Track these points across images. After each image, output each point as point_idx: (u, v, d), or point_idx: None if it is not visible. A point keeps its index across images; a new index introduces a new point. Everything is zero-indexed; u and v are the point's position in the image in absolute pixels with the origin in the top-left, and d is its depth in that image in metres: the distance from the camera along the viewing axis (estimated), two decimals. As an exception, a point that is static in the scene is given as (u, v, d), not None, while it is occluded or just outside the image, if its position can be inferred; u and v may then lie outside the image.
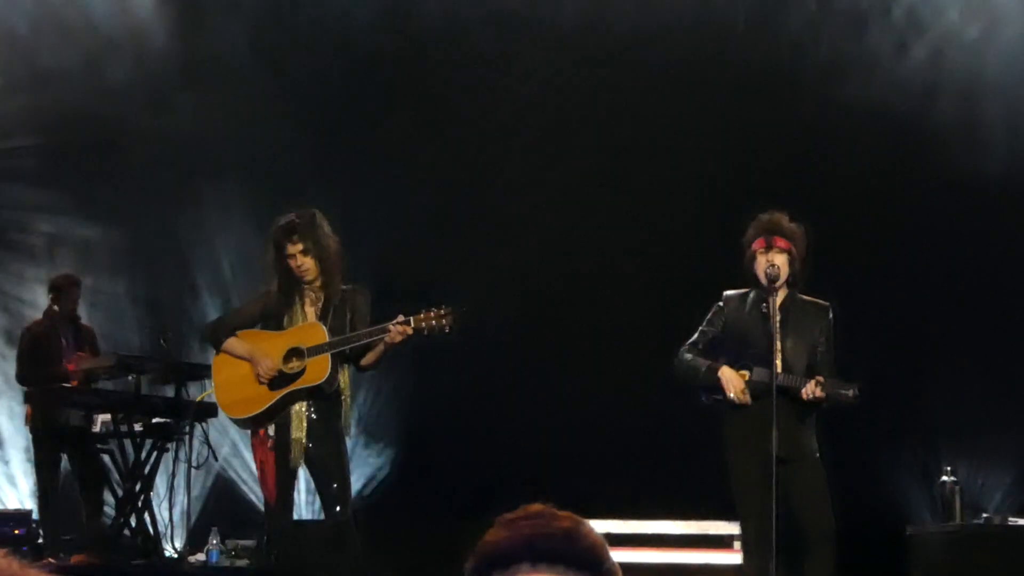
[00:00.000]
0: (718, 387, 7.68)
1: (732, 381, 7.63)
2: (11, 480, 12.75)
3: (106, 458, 10.33)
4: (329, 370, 7.77)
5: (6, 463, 12.79)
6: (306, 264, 7.87)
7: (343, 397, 7.97)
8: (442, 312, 7.74)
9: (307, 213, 8.00)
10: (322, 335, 7.79)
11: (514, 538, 1.85)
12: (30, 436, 11.02)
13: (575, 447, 11.42)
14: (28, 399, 10.86)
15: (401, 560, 9.65)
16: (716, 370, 7.68)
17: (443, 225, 12.17)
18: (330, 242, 7.95)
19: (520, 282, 11.80)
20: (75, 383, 10.41)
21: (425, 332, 7.80)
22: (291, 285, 7.93)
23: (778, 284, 7.56)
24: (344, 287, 8.01)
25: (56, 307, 10.97)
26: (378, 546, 8.83)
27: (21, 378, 10.99)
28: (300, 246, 7.87)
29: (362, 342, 7.79)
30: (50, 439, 10.61)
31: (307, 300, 7.96)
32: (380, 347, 7.88)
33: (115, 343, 12.21)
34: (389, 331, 7.71)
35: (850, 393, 7.48)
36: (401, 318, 7.74)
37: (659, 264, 11.42)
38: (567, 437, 11.48)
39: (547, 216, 11.99)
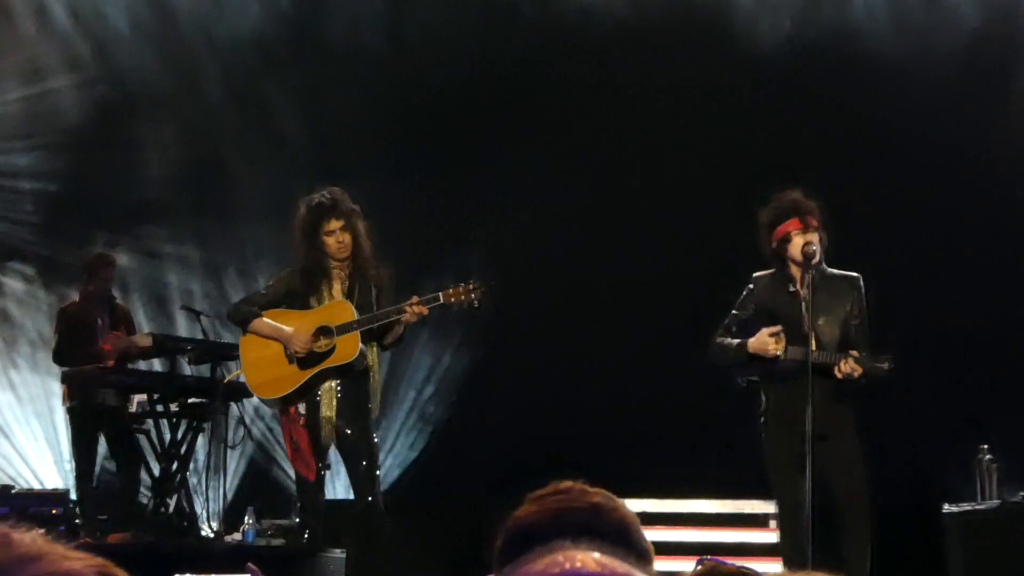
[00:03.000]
0: (752, 364, 7.67)
1: (764, 343, 7.59)
2: (49, 460, 12.81)
3: (142, 438, 10.36)
4: (359, 348, 7.79)
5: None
6: (346, 240, 7.88)
7: (372, 375, 7.98)
8: (471, 287, 7.76)
9: (337, 190, 8.03)
10: (350, 313, 7.80)
11: (542, 514, 1.84)
12: (67, 416, 11.04)
13: (611, 426, 11.42)
14: (64, 379, 10.89)
15: (432, 538, 9.68)
16: (745, 345, 7.66)
17: (476, 200, 12.16)
18: (360, 219, 7.98)
19: (556, 259, 11.79)
20: (111, 363, 10.43)
21: (455, 307, 7.82)
22: (319, 264, 7.93)
23: (815, 261, 7.53)
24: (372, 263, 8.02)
25: (90, 287, 10.98)
26: (409, 524, 8.85)
27: (58, 358, 11.01)
28: (341, 222, 7.88)
29: (389, 319, 7.81)
30: (87, 419, 10.64)
31: (334, 278, 7.97)
32: (397, 327, 7.90)
33: (157, 324, 12.28)
34: (405, 311, 7.73)
35: (885, 366, 7.46)
36: (415, 299, 7.76)
37: (694, 243, 11.38)
38: (602, 416, 11.49)
39: (583, 191, 11.98)
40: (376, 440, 8.24)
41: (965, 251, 11.06)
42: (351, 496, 8.37)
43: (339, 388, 7.89)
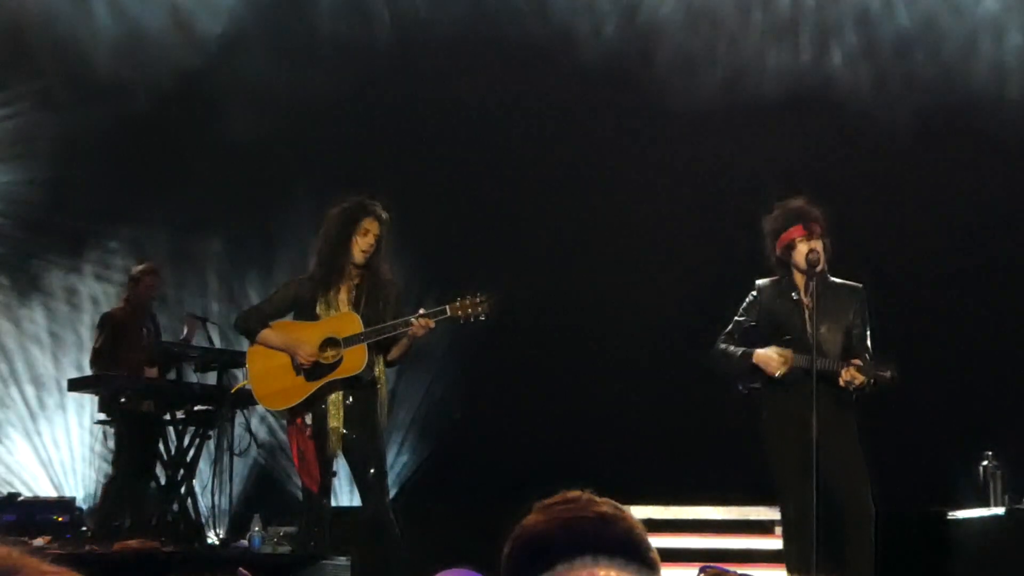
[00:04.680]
0: (755, 373, 7.68)
1: (769, 358, 7.61)
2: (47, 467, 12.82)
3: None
4: (367, 360, 7.79)
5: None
6: (375, 245, 7.89)
7: (379, 386, 7.98)
8: (478, 299, 7.76)
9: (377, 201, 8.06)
10: (357, 325, 7.80)
11: (550, 523, 1.85)
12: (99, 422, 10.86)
13: (616, 433, 11.43)
14: (73, 386, 10.82)
15: (439, 546, 9.68)
16: (750, 355, 7.67)
17: (480, 211, 12.17)
18: (387, 232, 8.01)
19: (562, 267, 11.82)
20: (156, 372, 10.36)
21: (461, 320, 7.82)
22: (336, 264, 7.92)
23: (819, 268, 7.54)
24: (383, 278, 8.03)
25: (135, 294, 10.87)
26: (416, 532, 8.85)
27: (98, 361, 10.79)
28: (377, 225, 7.89)
29: (395, 332, 7.81)
30: (134, 427, 10.35)
31: (343, 287, 7.96)
32: (404, 341, 7.90)
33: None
34: (412, 324, 7.73)
35: (887, 374, 7.47)
36: (422, 311, 7.76)
37: (698, 251, 11.41)
38: (607, 423, 11.49)
39: (585, 201, 11.99)
40: (384, 448, 8.24)
41: (970, 258, 11.07)
42: (357, 503, 8.37)
43: (346, 399, 7.90)
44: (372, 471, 7.93)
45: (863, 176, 11.39)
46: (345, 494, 11.16)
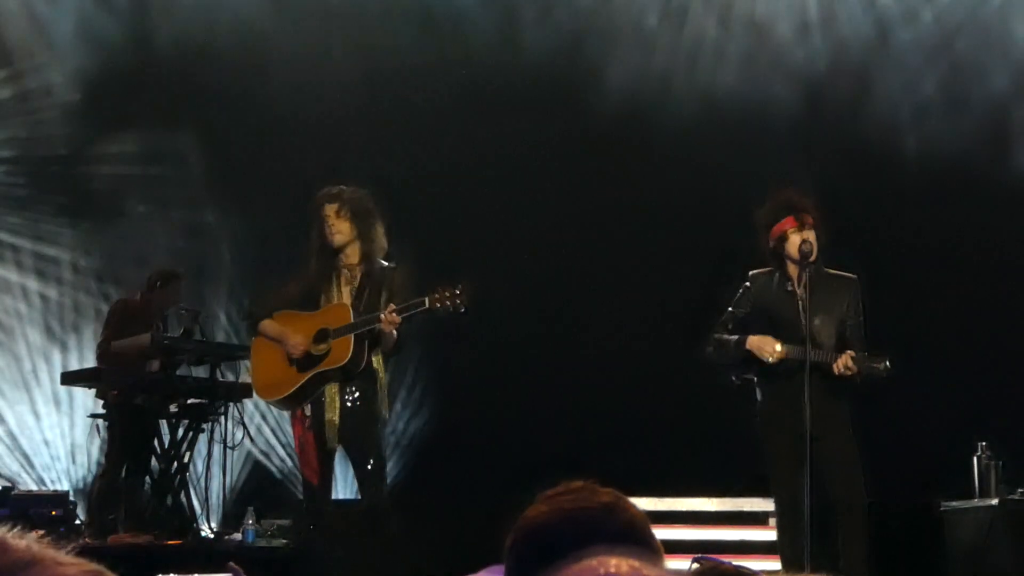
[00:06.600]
0: (750, 360, 7.69)
1: (763, 344, 7.62)
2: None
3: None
4: (352, 351, 7.77)
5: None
6: (338, 226, 7.89)
7: (378, 378, 7.97)
8: (457, 291, 7.64)
9: (350, 188, 8.05)
10: (347, 316, 7.80)
11: (554, 513, 1.85)
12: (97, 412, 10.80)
13: (610, 425, 11.43)
14: (66, 379, 10.79)
15: (439, 538, 9.68)
16: (744, 343, 7.68)
17: (471, 200, 12.15)
18: (372, 218, 7.98)
19: (556, 258, 11.81)
20: (158, 365, 10.30)
21: (441, 311, 7.71)
22: (327, 261, 7.95)
23: (812, 259, 7.54)
24: (384, 264, 8.01)
25: (155, 294, 10.70)
26: (415, 524, 8.86)
27: (103, 346, 10.68)
28: (335, 206, 7.90)
29: (369, 326, 7.79)
30: (127, 420, 10.27)
31: (343, 279, 7.97)
32: (388, 335, 7.85)
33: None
34: (381, 319, 7.70)
35: (881, 367, 7.47)
36: (392, 307, 7.72)
37: (691, 242, 11.41)
38: (602, 415, 11.50)
39: (579, 189, 11.99)
40: (383, 441, 8.24)
41: (963, 248, 11.08)
42: (353, 496, 8.37)
43: (344, 391, 7.89)
44: (370, 463, 7.93)
45: (859, 169, 11.38)
46: (341, 486, 11.16)
